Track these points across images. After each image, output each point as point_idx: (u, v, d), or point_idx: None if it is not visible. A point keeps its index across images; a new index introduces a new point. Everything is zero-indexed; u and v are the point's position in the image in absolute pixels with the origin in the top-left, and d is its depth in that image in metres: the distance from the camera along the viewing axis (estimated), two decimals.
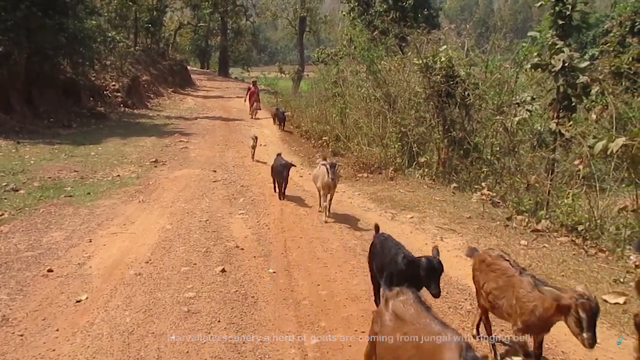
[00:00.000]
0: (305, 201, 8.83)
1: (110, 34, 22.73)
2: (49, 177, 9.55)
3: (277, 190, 9.06)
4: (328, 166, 7.29)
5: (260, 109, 21.01)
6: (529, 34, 10.74)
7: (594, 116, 8.11)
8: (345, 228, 7.31)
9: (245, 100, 21.39)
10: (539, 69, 8.12)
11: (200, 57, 55.23)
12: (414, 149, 11.08)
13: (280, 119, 17.97)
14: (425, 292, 3.62)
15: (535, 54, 8.08)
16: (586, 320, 2.97)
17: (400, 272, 3.93)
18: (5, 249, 5.99)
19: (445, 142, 10.37)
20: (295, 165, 9.25)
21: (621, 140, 5.86)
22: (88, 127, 16.53)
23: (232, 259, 5.98)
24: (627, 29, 19.69)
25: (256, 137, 12.53)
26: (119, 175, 10.12)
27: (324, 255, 6.23)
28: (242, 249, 6.35)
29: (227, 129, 17.81)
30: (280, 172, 8.79)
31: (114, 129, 16.58)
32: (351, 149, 12.41)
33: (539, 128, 9.07)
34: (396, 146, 11.42)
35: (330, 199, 7.80)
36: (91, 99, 19.57)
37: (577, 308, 2.99)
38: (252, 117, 20.60)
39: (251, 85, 21.34)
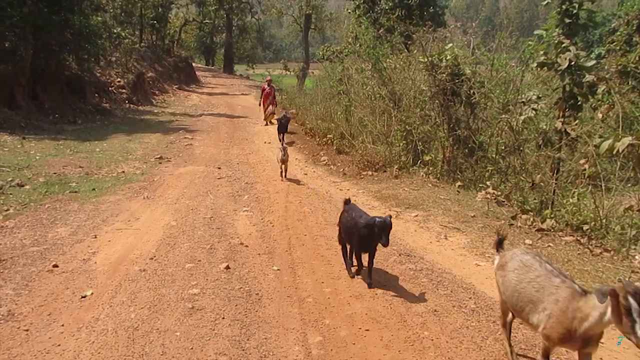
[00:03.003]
0: (309, 199, 8.81)
1: (115, 31, 22.85)
2: (54, 173, 9.59)
3: (357, 266, 5.51)
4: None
5: (274, 113, 17.59)
6: (535, 32, 10.67)
7: (600, 115, 8.06)
8: None
9: (260, 104, 18.26)
10: (545, 68, 8.06)
11: (205, 54, 55.33)
12: (418, 148, 11.05)
13: (278, 128, 14.51)
14: None
15: (542, 52, 8.02)
16: None
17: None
18: (10, 244, 6.02)
19: (450, 141, 10.33)
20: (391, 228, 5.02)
21: (627, 140, 5.82)
22: (93, 123, 16.60)
23: (236, 256, 5.99)
24: (634, 28, 19.59)
25: (285, 148, 10.04)
26: (123, 172, 10.16)
27: (328, 252, 6.22)
28: (246, 246, 6.36)
29: (231, 126, 17.83)
30: (366, 239, 5.08)
31: (118, 125, 16.64)
32: (356, 147, 12.38)
33: (545, 127, 9.00)
34: (401, 144, 11.39)
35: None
36: (96, 95, 19.66)
37: None
38: (267, 124, 17.65)
39: (265, 85, 18.15)
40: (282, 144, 10.39)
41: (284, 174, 10.14)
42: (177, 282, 5.22)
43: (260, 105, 18.38)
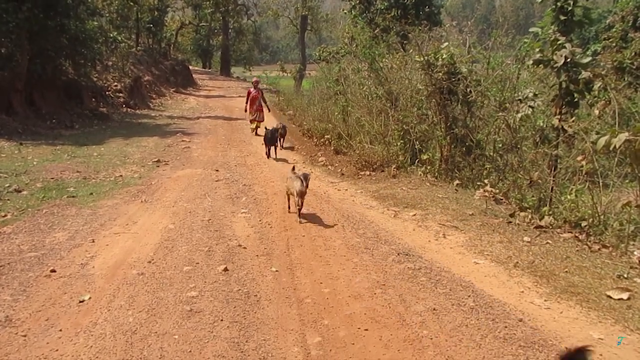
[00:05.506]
0: (307, 200, 8.78)
1: (111, 35, 22.85)
2: (52, 178, 9.57)
3: None
4: None
5: (263, 120, 15.36)
6: (531, 29, 10.70)
7: (596, 112, 8.06)
8: (348, 226, 7.29)
9: (246, 110, 15.93)
10: (541, 65, 8.07)
11: (202, 57, 55.40)
12: (416, 147, 11.05)
13: (268, 139, 12.38)
14: None
15: (537, 50, 8.02)
16: None
17: None
18: (8, 250, 6.00)
19: (448, 140, 10.33)
20: None
21: (624, 136, 5.82)
22: (90, 127, 16.58)
23: (234, 258, 5.98)
24: (630, 24, 19.64)
25: (306, 177, 7.34)
26: (121, 176, 10.14)
27: (326, 253, 6.22)
28: (244, 247, 6.35)
29: (229, 129, 17.83)
30: None
31: (116, 129, 16.62)
32: (353, 147, 12.39)
33: (542, 124, 9.02)
34: (398, 144, 11.39)
35: None
36: (93, 99, 19.66)
37: None
38: (255, 133, 15.73)
39: (251, 89, 15.81)
40: (296, 172, 7.67)
41: (299, 211, 7.47)
42: (175, 285, 5.20)
43: (245, 111, 16.05)
